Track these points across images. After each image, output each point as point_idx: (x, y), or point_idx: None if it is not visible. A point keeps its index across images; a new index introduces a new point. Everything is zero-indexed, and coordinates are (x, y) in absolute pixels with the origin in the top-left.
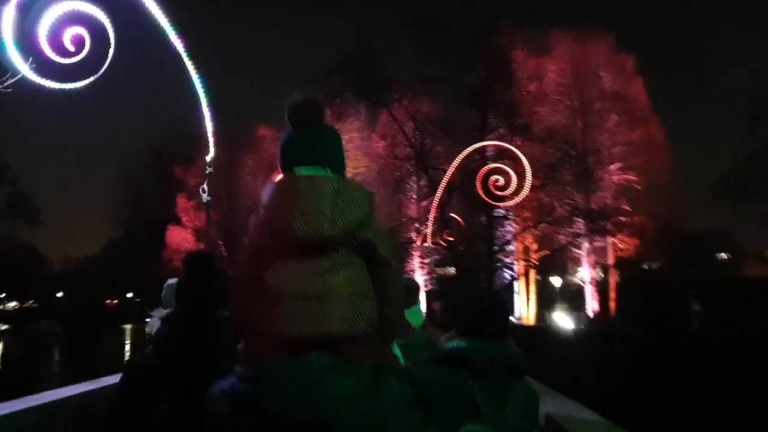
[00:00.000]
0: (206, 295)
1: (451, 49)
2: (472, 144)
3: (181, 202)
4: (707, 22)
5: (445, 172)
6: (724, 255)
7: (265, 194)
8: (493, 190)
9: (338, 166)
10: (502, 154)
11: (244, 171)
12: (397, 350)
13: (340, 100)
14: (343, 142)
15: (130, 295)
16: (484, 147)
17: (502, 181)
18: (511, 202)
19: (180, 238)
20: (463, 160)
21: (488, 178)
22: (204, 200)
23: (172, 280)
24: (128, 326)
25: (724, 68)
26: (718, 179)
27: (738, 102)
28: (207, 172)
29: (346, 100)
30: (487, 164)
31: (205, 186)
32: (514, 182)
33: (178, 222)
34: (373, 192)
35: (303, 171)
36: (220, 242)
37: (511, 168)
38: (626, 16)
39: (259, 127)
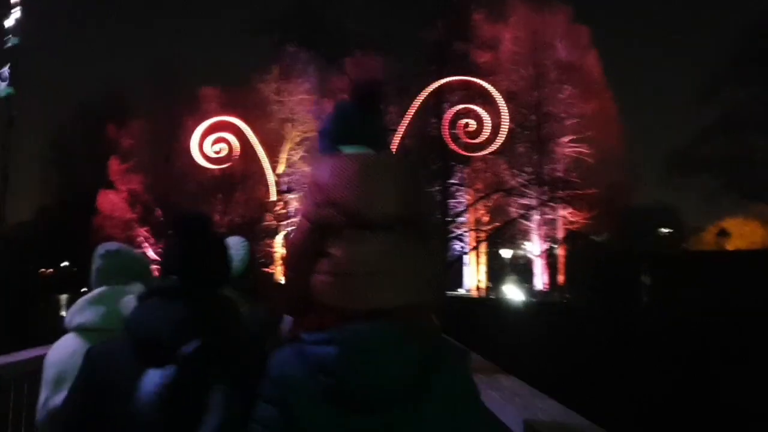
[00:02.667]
0: (210, 268)
1: (409, 1)
2: (429, 107)
3: (114, 164)
4: None
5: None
6: (665, 230)
7: (323, 172)
8: (464, 138)
9: (387, 146)
10: (462, 116)
11: (184, 132)
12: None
13: (289, 59)
14: (293, 105)
15: (66, 263)
16: (442, 108)
17: (473, 125)
18: (488, 150)
19: (112, 202)
20: (416, 114)
21: (456, 127)
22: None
23: (111, 245)
24: (64, 296)
25: (675, 46)
26: (665, 155)
27: (687, 82)
28: (7, 45)
29: (295, 59)
30: (445, 132)
31: (5, 70)
32: (488, 125)
33: (110, 186)
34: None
35: (358, 149)
36: (156, 206)
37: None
38: None
39: (201, 88)
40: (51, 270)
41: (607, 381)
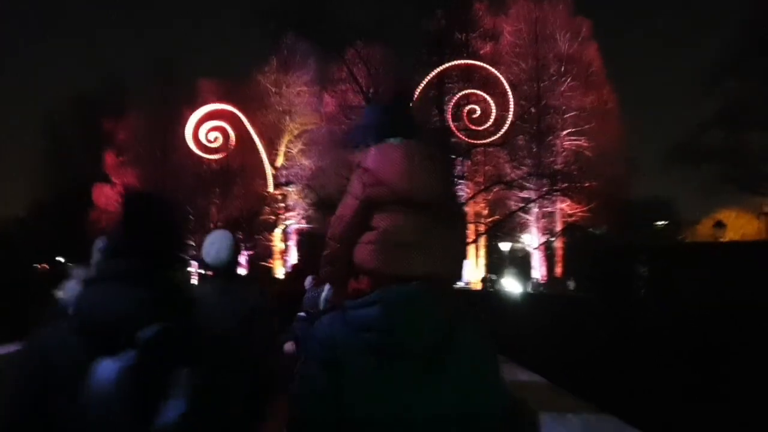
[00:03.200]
0: (157, 249)
1: None
2: (430, 97)
3: (109, 158)
4: None
5: None
6: (661, 222)
7: (372, 157)
8: (468, 124)
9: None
10: (464, 104)
11: (181, 125)
12: None
13: (288, 50)
14: (292, 98)
15: (62, 259)
16: (443, 101)
17: (478, 111)
18: (494, 138)
19: (107, 196)
20: (417, 105)
21: (460, 114)
22: None
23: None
24: (60, 292)
25: (676, 38)
26: (662, 148)
27: (686, 75)
28: None
29: (294, 51)
30: (449, 120)
31: None
32: (494, 111)
33: (106, 180)
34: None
35: (398, 140)
36: None
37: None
38: None
39: (199, 80)
40: (47, 266)
41: (609, 373)
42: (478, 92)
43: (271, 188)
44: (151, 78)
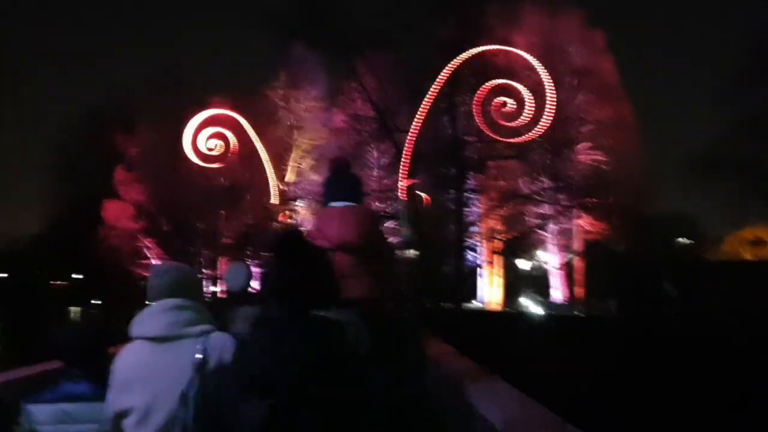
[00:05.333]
0: (307, 291)
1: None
2: (442, 108)
3: (119, 174)
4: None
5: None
6: (684, 240)
7: (319, 217)
8: (499, 120)
9: (360, 198)
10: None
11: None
12: None
13: (297, 63)
14: (301, 112)
15: (80, 276)
16: (454, 112)
17: (512, 105)
18: (531, 135)
19: (117, 213)
20: (429, 110)
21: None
22: None
23: (164, 265)
24: (77, 309)
25: (693, 48)
26: (685, 162)
27: (707, 86)
28: None
29: (303, 64)
30: (479, 116)
31: None
32: (530, 105)
33: (116, 195)
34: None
35: (340, 204)
36: (162, 216)
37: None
38: None
39: (208, 96)
40: (65, 282)
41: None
42: (514, 83)
43: (275, 201)
44: (160, 93)
